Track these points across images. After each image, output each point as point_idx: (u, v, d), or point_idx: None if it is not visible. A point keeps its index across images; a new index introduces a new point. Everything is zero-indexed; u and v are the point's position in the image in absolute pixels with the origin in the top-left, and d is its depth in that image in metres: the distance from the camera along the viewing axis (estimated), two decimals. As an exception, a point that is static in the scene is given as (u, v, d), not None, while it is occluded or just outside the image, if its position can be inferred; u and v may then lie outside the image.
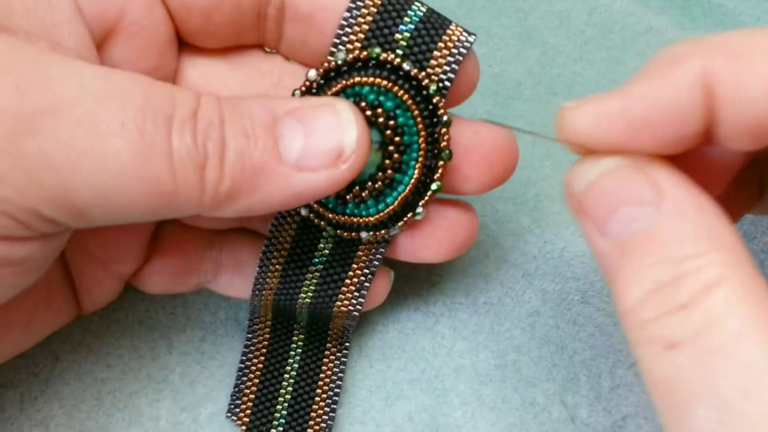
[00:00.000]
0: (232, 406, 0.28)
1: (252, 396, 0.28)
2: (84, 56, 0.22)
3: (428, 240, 0.27)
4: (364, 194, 0.25)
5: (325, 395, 0.28)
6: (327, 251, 0.27)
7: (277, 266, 0.27)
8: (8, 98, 0.19)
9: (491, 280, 0.32)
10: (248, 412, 0.28)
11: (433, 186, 0.25)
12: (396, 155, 0.25)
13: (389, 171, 0.25)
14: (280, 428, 0.28)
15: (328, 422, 0.28)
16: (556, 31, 0.38)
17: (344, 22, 0.24)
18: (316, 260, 0.27)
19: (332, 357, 0.29)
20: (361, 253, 0.27)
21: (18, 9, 0.21)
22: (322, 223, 0.26)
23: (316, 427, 0.28)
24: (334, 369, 0.29)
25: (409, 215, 0.26)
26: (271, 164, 0.21)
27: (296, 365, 0.29)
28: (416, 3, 0.24)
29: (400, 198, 0.25)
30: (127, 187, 0.20)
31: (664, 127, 0.20)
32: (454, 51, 0.24)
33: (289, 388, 0.28)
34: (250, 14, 0.24)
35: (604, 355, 0.30)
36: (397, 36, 0.24)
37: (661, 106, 0.20)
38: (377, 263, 0.27)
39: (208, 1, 0.24)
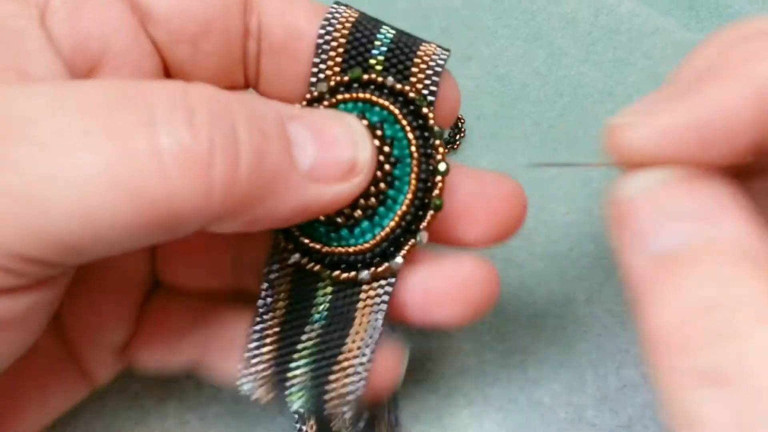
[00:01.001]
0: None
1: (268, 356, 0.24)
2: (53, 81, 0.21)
3: (441, 297, 0.24)
4: (356, 213, 0.23)
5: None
6: (326, 305, 0.24)
7: (275, 328, 0.24)
8: None
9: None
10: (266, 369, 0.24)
11: (433, 203, 0.23)
12: (387, 166, 0.23)
13: (381, 184, 0.23)
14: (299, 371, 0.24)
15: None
16: (563, 32, 0.38)
17: (317, 59, 0.23)
18: (316, 316, 0.24)
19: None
20: (362, 304, 0.24)
21: None
22: (317, 267, 0.23)
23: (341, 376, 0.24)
24: None
25: (411, 242, 0.23)
26: (287, 170, 0.19)
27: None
28: (384, 26, 0.24)
29: (398, 215, 0.23)
30: (111, 204, 0.17)
31: (743, 136, 0.18)
32: (432, 64, 0.23)
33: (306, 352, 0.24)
34: (238, 42, 0.23)
35: (610, 355, 0.30)
36: (372, 61, 0.23)
37: (739, 112, 0.17)
38: (381, 315, 0.23)
39: (197, 27, 0.23)
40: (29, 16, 0.21)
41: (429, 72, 0.23)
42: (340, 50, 0.23)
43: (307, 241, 0.23)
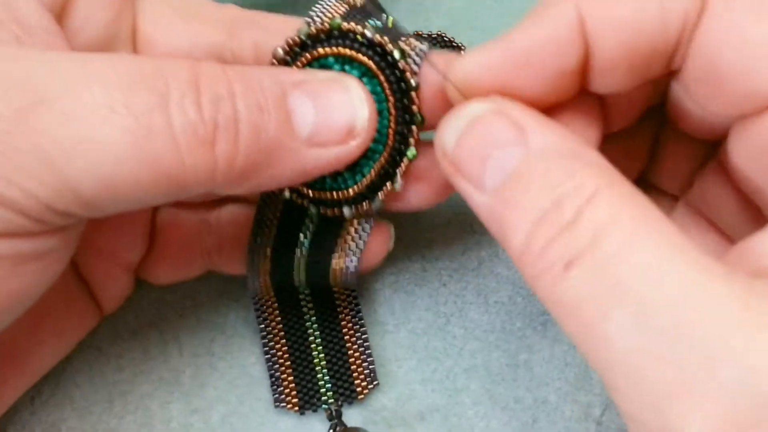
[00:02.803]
0: (276, 395, 0.28)
1: (290, 378, 0.29)
2: (47, 29, 0.22)
3: (412, 183, 0.26)
4: None
5: (355, 345, 0.29)
6: (311, 232, 0.27)
7: (266, 249, 0.27)
8: None
9: (502, 280, 0.31)
10: (293, 393, 0.28)
11: (408, 153, 0.25)
12: None
13: None
14: (329, 393, 0.28)
15: (370, 367, 0.29)
16: (564, 30, 0.38)
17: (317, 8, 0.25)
18: (303, 240, 0.27)
19: (346, 310, 0.29)
20: (346, 231, 0.27)
21: None
22: (305, 202, 0.26)
23: (362, 376, 0.29)
24: (353, 319, 0.29)
25: (387, 185, 0.25)
26: (285, 139, 0.21)
27: (317, 332, 0.29)
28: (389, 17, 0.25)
29: (376, 166, 0.25)
30: (131, 172, 0.19)
31: (544, 64, 0.20)
32: (424, 38, 0.24)
33: (321, 355, 0.29)
34: None
35: (616, 353, 0.30)
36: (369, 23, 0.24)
37: (539, 43, 0.20)
38: (365, 236, 0.27)
39: None
40: None
41: (418, 53, 0.24)
42: (341, 11, 0.24)
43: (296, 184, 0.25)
